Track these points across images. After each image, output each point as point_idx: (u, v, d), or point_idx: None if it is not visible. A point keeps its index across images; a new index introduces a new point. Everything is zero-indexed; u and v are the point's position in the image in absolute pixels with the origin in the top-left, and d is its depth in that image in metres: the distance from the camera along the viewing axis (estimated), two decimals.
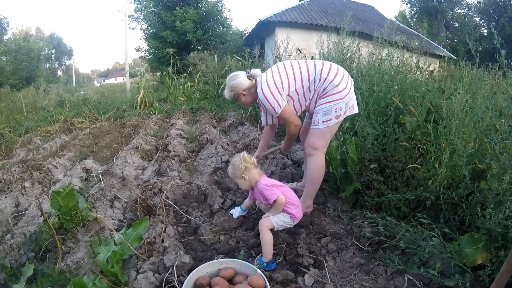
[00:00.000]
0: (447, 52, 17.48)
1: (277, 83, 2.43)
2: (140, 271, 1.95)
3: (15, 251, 2.43)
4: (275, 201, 2.11)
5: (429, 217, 2.22)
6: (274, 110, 2.44)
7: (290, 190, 2.29)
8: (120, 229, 2.41)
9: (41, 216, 2.85)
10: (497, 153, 2.14)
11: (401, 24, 19.59)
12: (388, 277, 1.93)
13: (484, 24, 26.50)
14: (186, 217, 2.73)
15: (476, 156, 2.45)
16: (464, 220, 2.22)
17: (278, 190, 2.16)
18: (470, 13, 26.41)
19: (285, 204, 2.16)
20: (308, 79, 2.43)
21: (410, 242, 2.06)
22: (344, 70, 2.47)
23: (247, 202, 2.57)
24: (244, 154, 2.29)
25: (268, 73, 2.52)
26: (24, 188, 3.47)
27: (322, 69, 2.41)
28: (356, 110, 2.59)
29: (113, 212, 2.93)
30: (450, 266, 1.87)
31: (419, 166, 2.54)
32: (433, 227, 2.08)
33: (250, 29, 19.03)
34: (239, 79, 2.58)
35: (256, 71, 2.60)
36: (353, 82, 2.53)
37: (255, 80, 2.57)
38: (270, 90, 2.43)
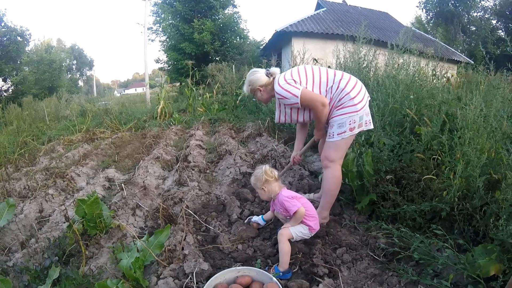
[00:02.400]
0: (465, 57, 17.21)
1: (295, 78, 2.50)
2: (160, 276, 2.04)
3: (39, 255, 2.55)
4: (295, 212, 2.18)
5: (444, 228, 2.23)
6: (294, 95, 2.45)
7: (309, 202, 2.35)
8: (142, 237, 2.52)
9: (65, 222, 3.00)
10: (511, 163, 2.13)
11: (417, 30, 19.43)
12: (402, 287, 1.95)
13: (501, 26, 25.90)
14: (206, 226, 2.81)
15: (491, 166, 2.44)
16: (478, 231, 2.22)
17: (299, 202, 2.24)
18: (486, 16, 25.87)
19: (305, 216, 2.22)
20: (326, 86, 2.49)
21: (424, 253, 2.06)
22: (362, 84, 2.53)
23: (269, 214, 2.65)
24: (266, 167, 2.38)
25: (286, 72, 2.61)
26: (48, 195, 3.63)
27: (341, 79, 2.47)
28: (371, 126, 2.61)
29: (135, 220, 3.05)
30: (463, 278, 1.88)
31: (435, 177, 2.55)
32: (447, 238, 2.09)
33: (267, 40, 19.25)
34: (257, 75, 2.69)
35: (275, 69, 2.69)
36: (369, 98, 2.57)
37: (273, 78, 2.65)
38: (286, 81, 2.50)
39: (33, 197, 3.62)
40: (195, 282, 1.96)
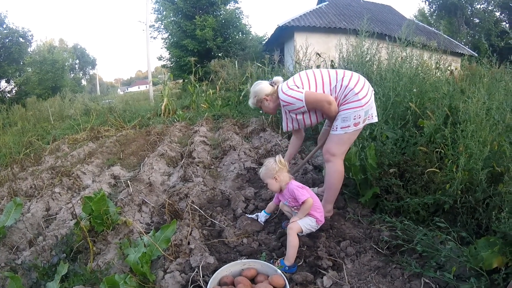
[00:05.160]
0: (468, 49, 17.06)
1: (297, 84, 2.54)
2: (167, 271, 2.07)
3: (47, 252, 2.61)
4: (304, 202, 2.21)
5: (447, 221, 2.25)
6: (298, 99, 2.49)
7: (315, 195, 2.37)
8: (148, 232, 2.55)
9: (72, 220, 3.04)
10: None
11: (420, 23, 19.26)
12: (405, 280, 1.97)
13: (505, 18, 25.58)
14: (211, 221, 2.85)
15: (494, 159, 2.44)
16: (481, 224, 2.23)
17: (308, 193, 2.27)
18: (490, 8, 25.56)
19: (312, 208, 2.25)
20: (329, 86, 2.51)
21: (428, 245, 2.08)
22: (365, 79, 2.53)
23: (271, 205, 2.68)
24: (279, 156, 2.42)
25: (289, 79, 2.64)
26: (54, 193, 3.68)
27: (343, 77, 2.48)
28: (376, 120, 2.63)
29: (141, 216, 3.10)
30: (466, 270, 1.89)
31: (438, 170, 2.55)
32: (450, 231, 2.11)
33: (269, 35, 19.21)
34: (261, 85, 2.74)
35: (277, 78, 2.75)
36: (373, 92, 2.58)
37: (277, 86, 2.68)
38: (288, 87, 2.55)
39: (40, 196, 3.68)
40: (201, 276, 2.00)
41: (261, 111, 3.03)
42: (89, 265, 2.28)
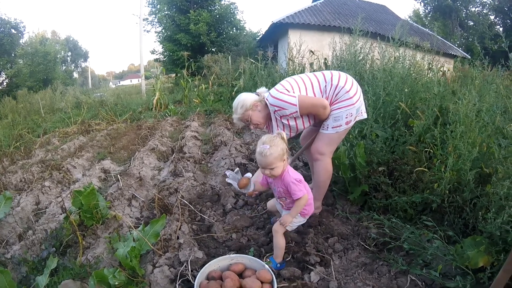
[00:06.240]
0: (462, 51, 17.25)
1: (287, 87, 2.43)
2: (156, 265, 2.08)
3: (36, 246, 2.59)
4: (299, 198, 2.01)
5: (435, 220, 2.27)
6: (291, 104, 2.34)
7: (308, 187, 2.20)
8: (137, 227, 2.55)
9: (61, 214, 3.02)
10: (501, 158, 2.16)
11: (415, 24, 19.42)
12: (392, 276, 2.00)
13: (500, 22, 25.95)
14: (200, 216, 2.85)
15: (482, 160, 2.47)
16: (468, 224, 2.26)
17: (304, 188, 2.06)
18: (484, 11, 25.91)
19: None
20: (319, 88, 2.44)
21: (415, 243, 2.11)
22: (353, 78, 2.52)
23: (258, 184, 2.30)
24: (281, 131, 2.11)
25: (276, 85, 2.52)
26: (44, 187, 3.65)
27: (332, 77, 2.45)
28: (365, 116, 2.63)
29: (131, 210, 3.09)
30: (452, 268, 1.92)
31: (426, 170, 2.58)
32: (437, 229, 2.14)
33: (263, 31, 19.16)
34: (246, 95, 2.56)
35: (262, 88, 2.62)
36: (361, 89, 2.58)
37: (264, 97, 2.52)
38: (278, 91, 2.42)
39: (30, 189, 3.64)
40: (189, 270, 2.01)
41: (251, 127, 2.62)
42: (79, 259, 2.28)
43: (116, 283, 1.88)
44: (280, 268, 2.08)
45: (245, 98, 2.50)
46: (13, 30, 21.53)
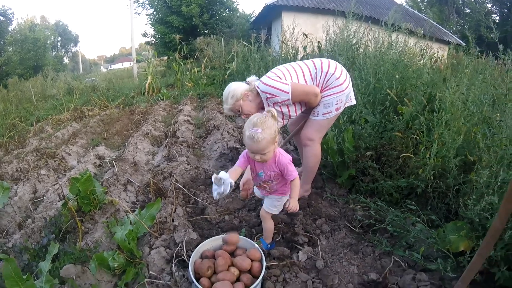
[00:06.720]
0: (456, 38, 17.18)
1: (279, 75, 2.43)
2: (153, 247, 2.18)
3: (36, 234, 2.66)
4: (293, 180, 1.93)
5: (419, 204, 2.38)
6: (283, 91, 2.32)
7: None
8: (134, 210, 2.64)
9: (59, 201, 3.09)
10: (484, 147, 2.21)
11: (410, 9, 19.22)
12: (376, 257, 2.11)
13: (496, 10, 25.83)
14: (194, 199, 2.95)
15: (467, 148, 2.52)
16: (450, 209, 2.36)
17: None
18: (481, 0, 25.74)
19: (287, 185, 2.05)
20: (310, 75, 2.46)
21: (399, 226, 2.20)
22: (342, 65, 2.54)
23: (237, 172, 1.99)
24: (271, 109, 1.88)
25: (267, 73, 2.52)
26: (40, 175, 3.69)
27: (321, 64, 2.47)
28: (354, 102, 2.67)
29: (127, 195, 3.17)
30: (433, 251, 2.02)
31: (412, 156, 2.66)
32: (420, 213, 2.24)
33: (257, 13, 18.86)
34: (236, 84, 2.51)
35: (252, 77, 2.58)
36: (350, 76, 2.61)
37: (254, 85, 2.48)
38: (269, 78, 2.41)
39: (26, 178, 3.67)
40: (185, 250, 2.11)
41: (242, 116, 2.54)
42: (78, 244, 2.35)
43: (116, 265, 1.98)
44: (271, 248, 2.19)
45: (235, 88, 2.46)
46: (1, 18, 21.01)
